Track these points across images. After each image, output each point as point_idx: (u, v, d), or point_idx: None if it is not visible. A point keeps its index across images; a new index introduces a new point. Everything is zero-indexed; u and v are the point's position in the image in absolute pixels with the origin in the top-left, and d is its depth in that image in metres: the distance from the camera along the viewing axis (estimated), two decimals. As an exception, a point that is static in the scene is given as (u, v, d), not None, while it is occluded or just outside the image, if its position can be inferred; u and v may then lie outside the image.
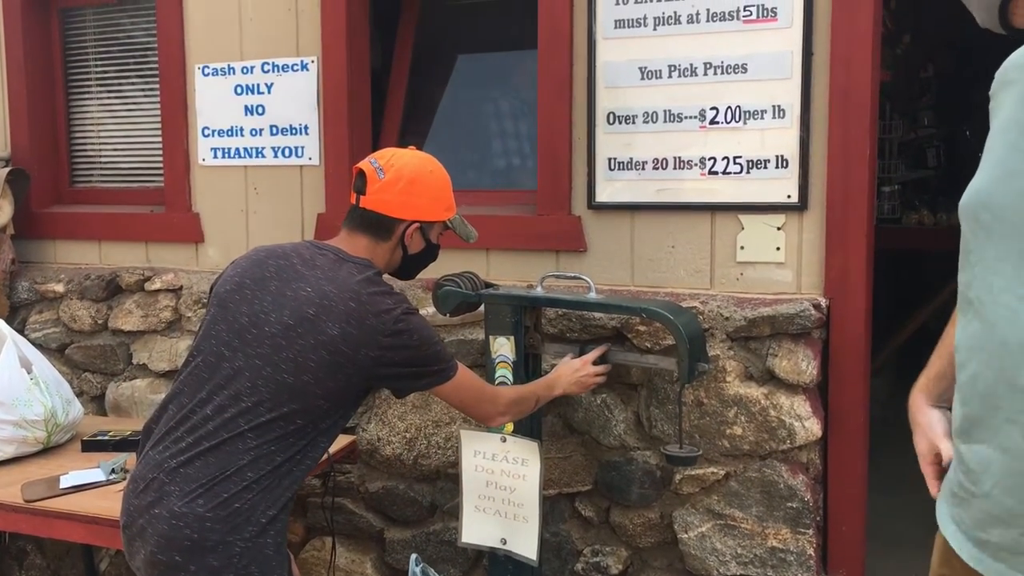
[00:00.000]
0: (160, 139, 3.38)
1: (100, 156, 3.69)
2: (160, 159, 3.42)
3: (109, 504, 2.37)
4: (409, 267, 2.19)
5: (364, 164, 2.10)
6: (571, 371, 2.40)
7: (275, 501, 1.90)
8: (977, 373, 1.30)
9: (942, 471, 1.52)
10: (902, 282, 5.29)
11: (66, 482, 2.50)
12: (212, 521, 1.83)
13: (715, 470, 2.55)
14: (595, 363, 2.44)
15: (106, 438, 2.82)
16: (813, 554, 2.49)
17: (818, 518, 2.52)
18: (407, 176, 2.07)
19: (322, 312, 1.92)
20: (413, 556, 2.18)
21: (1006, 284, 1.27)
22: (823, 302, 2.49)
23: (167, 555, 1.84)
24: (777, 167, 2.51)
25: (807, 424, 2.46)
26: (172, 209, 3.35)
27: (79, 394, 3.28)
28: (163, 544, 1.84)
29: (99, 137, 3.68)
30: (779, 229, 2.54)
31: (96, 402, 3.41)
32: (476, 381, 2.17)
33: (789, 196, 2.51)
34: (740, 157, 2.55)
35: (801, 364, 2.45)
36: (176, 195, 3.33)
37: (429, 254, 2.20)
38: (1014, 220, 1.27)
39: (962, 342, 1.35)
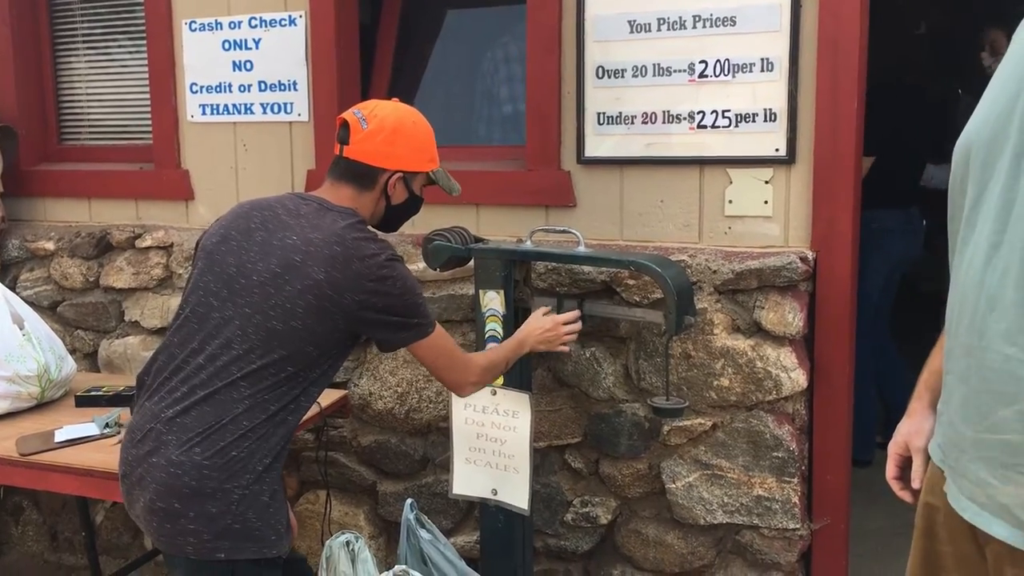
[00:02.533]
0: (148, 96, 3.37)
1: (88, 114, 3.67)
2: (148, 116, 3.40)
3: (104, 457, 2.40)
4: (392, 218, 2.19)
5: (347, 114, 2.11)
6: (541, 329, 2.39)
7: (270, 450, 1.93)
8: (950, 308, 1.37)
9: (904, 465, 1.59)
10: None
11: (61, 436, 2.52)
12: (210, 469, 1.87)
13: (702, 421, 2.59)
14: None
15: (100, 393, 2.84)
16: (798, 502, 2.53)
17: (803, 467, 2.57)
18: (389, 126, 2.08)
19: (308, 258, 1.94)
20: (409, 501, 2.22)
21: (981, 228, 1.31)
22: (810, 255, 2.51)
23: (166, 502, 1.88)
24: (766, 121, 2.52)
25: (793, 375, 2.49)
26: (161, 166, 3.34)
27: (72, 351, 3.29)
28: (162, 492, 1.88)
29: (87, 94, 3.66)
30: (767, 183, 2.55)
31: (89, 359, 3.43)
32: (452, 345, 2.16)
33: (777, 150, 2.52)
34: (729, 111, 2.56)
35: (788, 316, 2.48)
36: (165, 152, 3.32)
37: (412, 205, 2.20)
38: (986, 161, 1.31)
39: (951, 282, 1.40)
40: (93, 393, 2.84)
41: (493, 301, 2.50)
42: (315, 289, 1.93)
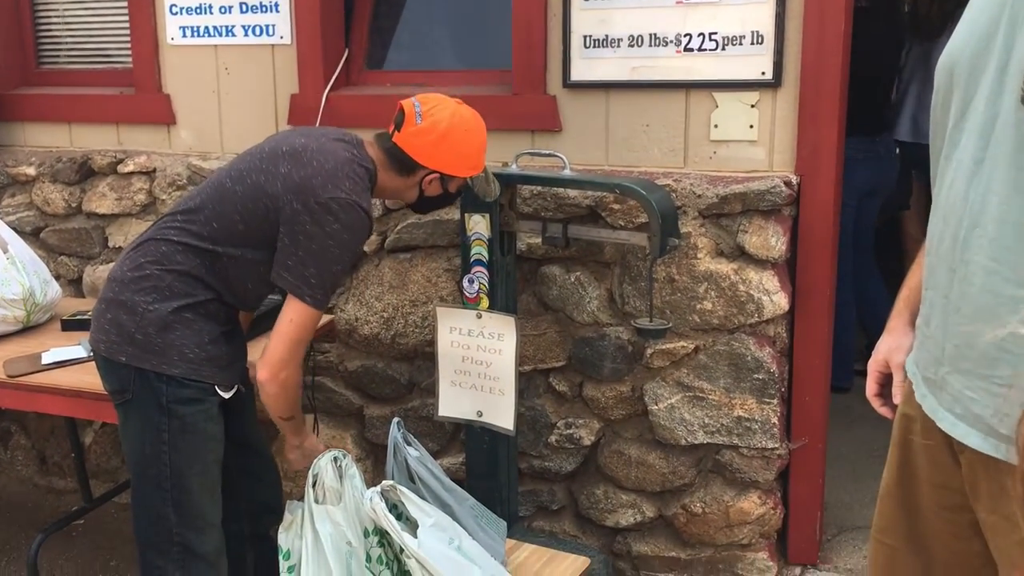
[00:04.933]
0: (127, 18, 3.30)
1: (66, 37, 3.60)
2: (127, 39, 3.34)
3: (91, 379, 2.39)
4: (423, 206, 2.32)
5: (407, 103, 2.16)
6: (311, 455, 2.23)
7: (187, 292, 2.08)
8: (932, 226, 1.39)
9: (884, 382, 1.63)
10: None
11: (48, 358, 2.53)
12: (128, 282, 2.09)
13: (685, 344, 2.62)
14: None
15: (86, 317, 2.82)
16: (777, 423, 2.59)
17: (783, 389, 2.62)
18: (442, 130, 2.13)
19: (289, 154, 2.07)
20: (395, 420, 2.25)
21: (964, 145, 1.32)
22: (794, 179, 2.53)
23: (98, 307, 2.16)
24: (752, 43, 2.51)
25: (775, 298, 2.53)
26: (141, 90, 3.29)
27: (56, 277, 3.27)
28: (99, 299, 2.17)
29: (63, 17, 3.59)
30: (753, 107, 2.55)
31: (73, 285, 3.42)
32: (306, 339, 2.11)
33: (763, 73, 2.51)
34: (716, 34, 2.54)
35: (771, 240, 2.50)
36: (145, 76, 3.27)
37: (444, 200, 2.32)
38: (969, 79, 1.31)
39: (933, 200, 1.42)
40: (79, 317, 2.84)
41: (478, 225, 2.51)
42: (269, 173, 2.05)
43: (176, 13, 3.18)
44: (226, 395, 2.15)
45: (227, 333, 2.17)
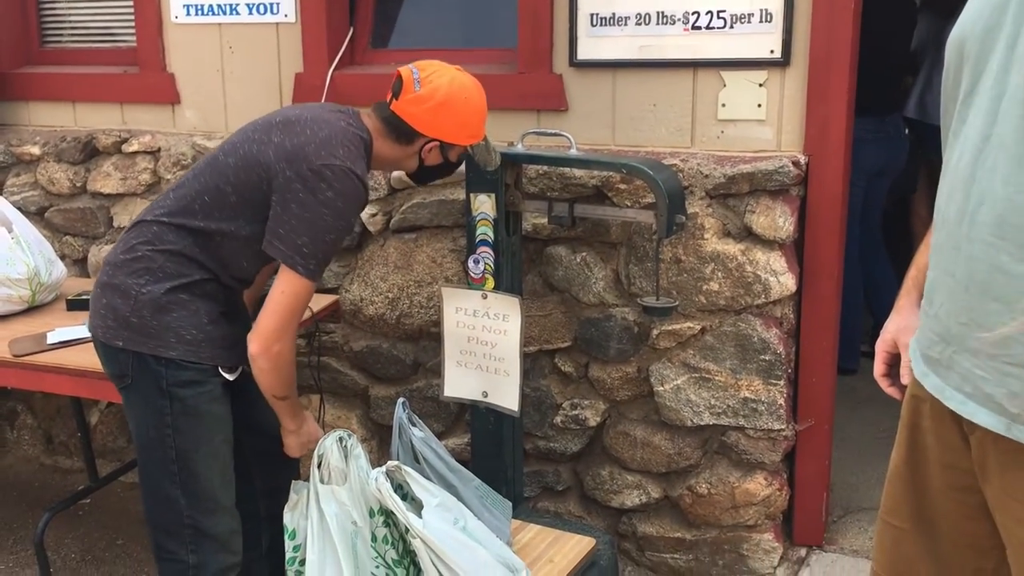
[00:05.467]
0: (131, -4, 3.28)
1: (69, 15, 3.58)
2: (132, 17, 3.32)
3: (96, 359, 2.40)
4: (423, 175, 2.29)
5: (405, 70, 2.14)
6: (309, 438, 2.28)
7: (181, 273, 2.05)
8: (940, 203, 1.37)
9: (892, 363, 1.62)
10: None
11: (53, 338, 2.53)
12: (121, 265, 2.08)
13: (691, 325, 2.61)
14: None
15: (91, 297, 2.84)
16: (783, 404, 2.58)
17: (789, 370, 2.61)
18: (440, 97, 2.10)
19: (283, 124, 2.06)
20: (400, 400, 2.25)
21: (972, 121, 1.31)
22: (802, 159, 2.51)
23: (95, 292, 2.14)
24: (761, 21, 2.48)
25: (782, 279, 2.51)
26: (146, 69, 3.28)
27: (61, 257, 3.26)
28: (96, 284, 2.15)
29: (67, -5, 3.57)
30: (761, 86, 2.53)
31: (78, 265, 3.42)
32: (300, 309, 2.06)
33: (772, 51, 2.49)
34: (724, 11, 2.51)
35: (778, 220, 2.49)
36: (149, 55, 3.26)
37: (445, 169, 2.28)
38: (980, 54, 1.30)
39: (942, 176, 1.40)
40: (84, 297, 2.83)
41: (484, 205, 2.49)
42: (262, 143, 2.03)
43: (180, -9, 3.16)
44: (230, 376, 2.13)
45: (228, 313, 2.15)
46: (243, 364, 2.15)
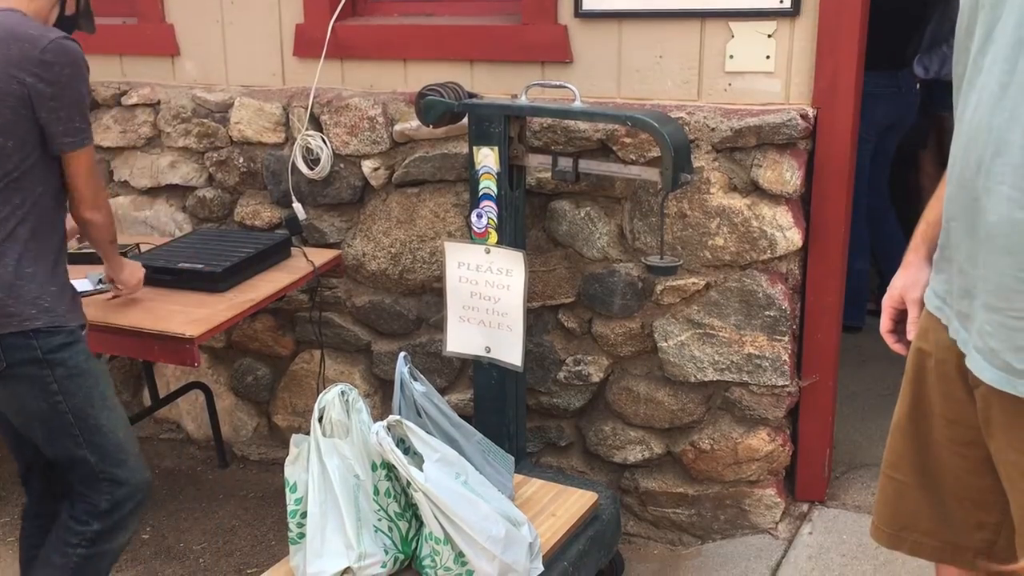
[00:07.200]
0: (128, -56, 3.23)
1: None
2: (129, -34, 3.27)
3: (97, 312, 2.42)
4: (65, 25, 2.23)
5: None
6: (136, 279, 2.46)
7: (17, 256, 2.03)
8: (954, 154, 1.34)
9: (898, 318, 1.60)
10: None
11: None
12: None
13: (696, 280, 2.59)
14: None
15: (93, 250, 2.82)
16: (788, 360, 2.57)
17: (794, 326, 2.59)
18: None
19: None
20: (402, 355, 2.23)
21: (989, 69, 1.28)
22: (811, 112, 2.46)
23: None
24: (770, -30, 2.42)
25: (788, 234, 2.48)
26: (144, 20, 3.23)
27: (62, 211, 3.26)
28: None
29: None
30: (770, 37, 2.48)
31: (80, 220, 3.40)
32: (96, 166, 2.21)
33: (781, 1, 2.43)
34: (733, -40, 2.46)
35: (785, 174, 2.45)
36: (148, 5, 3.20)
37: (74, 21, 2.28)
38: (995, 2, 1.26)
39: (955, 127, 1.37)
40: (85, 250, 2.82)
41: (487, 158, 2.46)
42: None
43: (178, -61, 3.10)
44: (84, 331, 2.18)
45: (65, 270, 2.19)
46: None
